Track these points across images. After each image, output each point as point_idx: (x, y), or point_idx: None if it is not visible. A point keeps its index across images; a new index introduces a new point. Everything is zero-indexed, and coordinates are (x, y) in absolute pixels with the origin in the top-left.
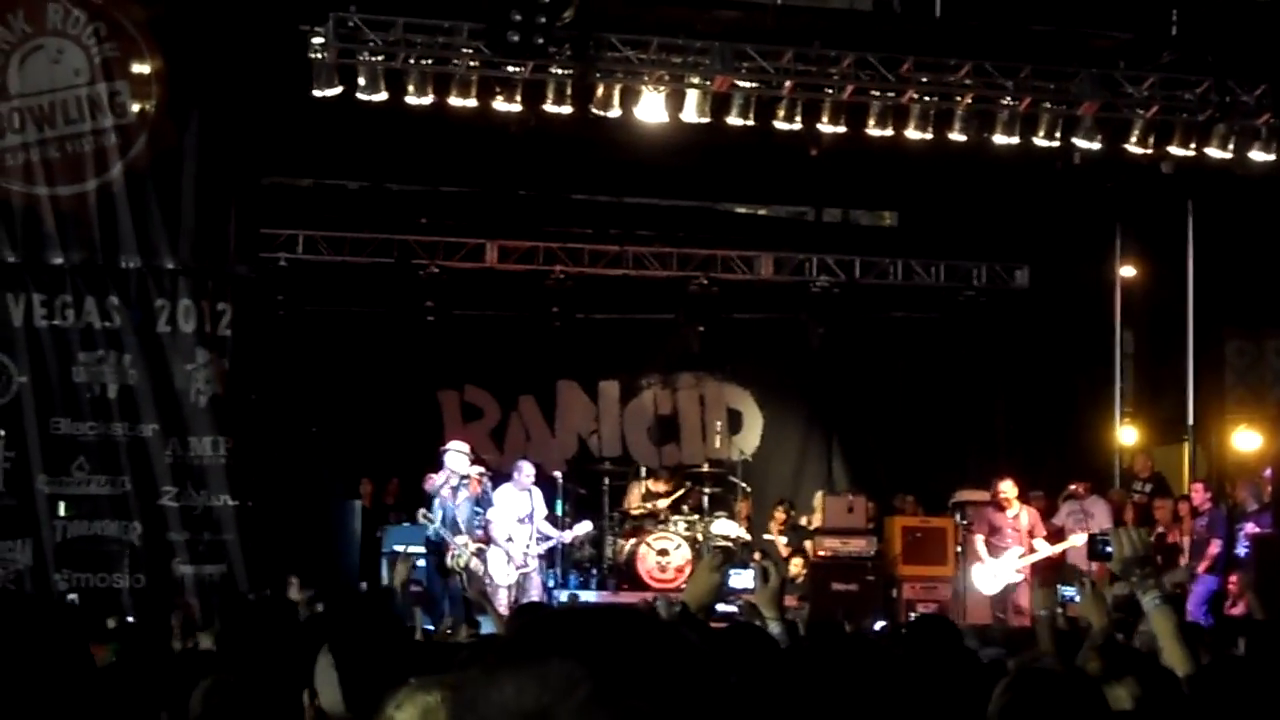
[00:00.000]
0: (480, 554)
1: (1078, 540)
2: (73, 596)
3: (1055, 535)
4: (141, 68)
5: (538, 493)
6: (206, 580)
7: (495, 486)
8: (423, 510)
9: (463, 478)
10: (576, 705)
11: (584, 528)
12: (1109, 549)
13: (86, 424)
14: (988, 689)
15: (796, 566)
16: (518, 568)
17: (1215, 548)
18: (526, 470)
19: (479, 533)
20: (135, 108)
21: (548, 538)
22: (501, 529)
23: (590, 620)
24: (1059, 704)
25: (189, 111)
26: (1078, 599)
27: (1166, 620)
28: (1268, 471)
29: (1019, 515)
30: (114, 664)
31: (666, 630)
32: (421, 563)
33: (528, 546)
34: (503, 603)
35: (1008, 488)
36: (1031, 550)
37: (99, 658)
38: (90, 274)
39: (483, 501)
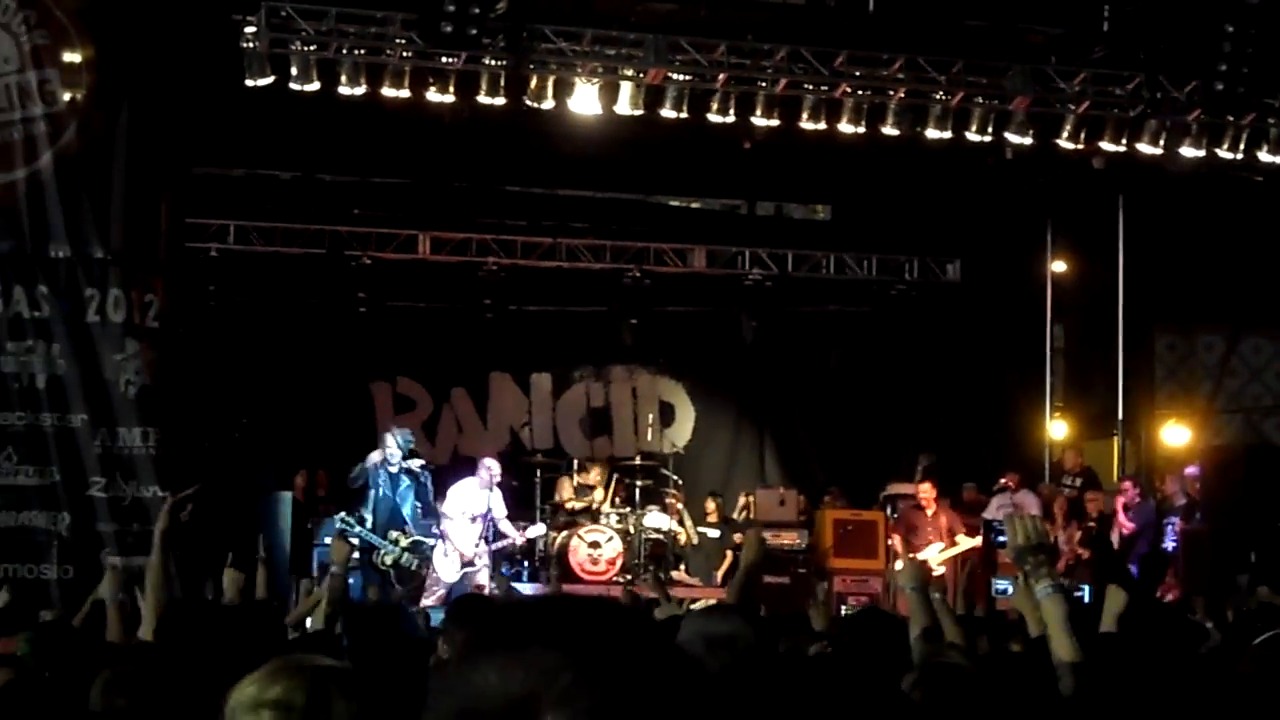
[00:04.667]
0: (416, 548)
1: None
2: None
3: (985, 530)
4: (72, 56)
5: (498, 493)
6: (135, 571)
7: (440, 480)
8: (342, 515)
9: (402, 468)
10: (560, 691)
11: (537, 530)
12: (1003, 538)
13: (15, 414)
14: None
15: (726, 559)
16: (463, 565)
17: (1142, 548)
18: (494, 469)
19: (423, 525)
20: (65, 96)
21: (504, 536)
22: (451, 525)
23: (568, 610)
24: (967, 697)
25: (119, 100)
26: (1010, 591)
27: (1057, 609)
28: (1192, 469)
29: (937, 514)
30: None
31: (641, 620)
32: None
33: (476, 545)
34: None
35: (926, 490)
36: (953, 544)
37: (10, 649)
38: (19, 263)
39: (421, 494)
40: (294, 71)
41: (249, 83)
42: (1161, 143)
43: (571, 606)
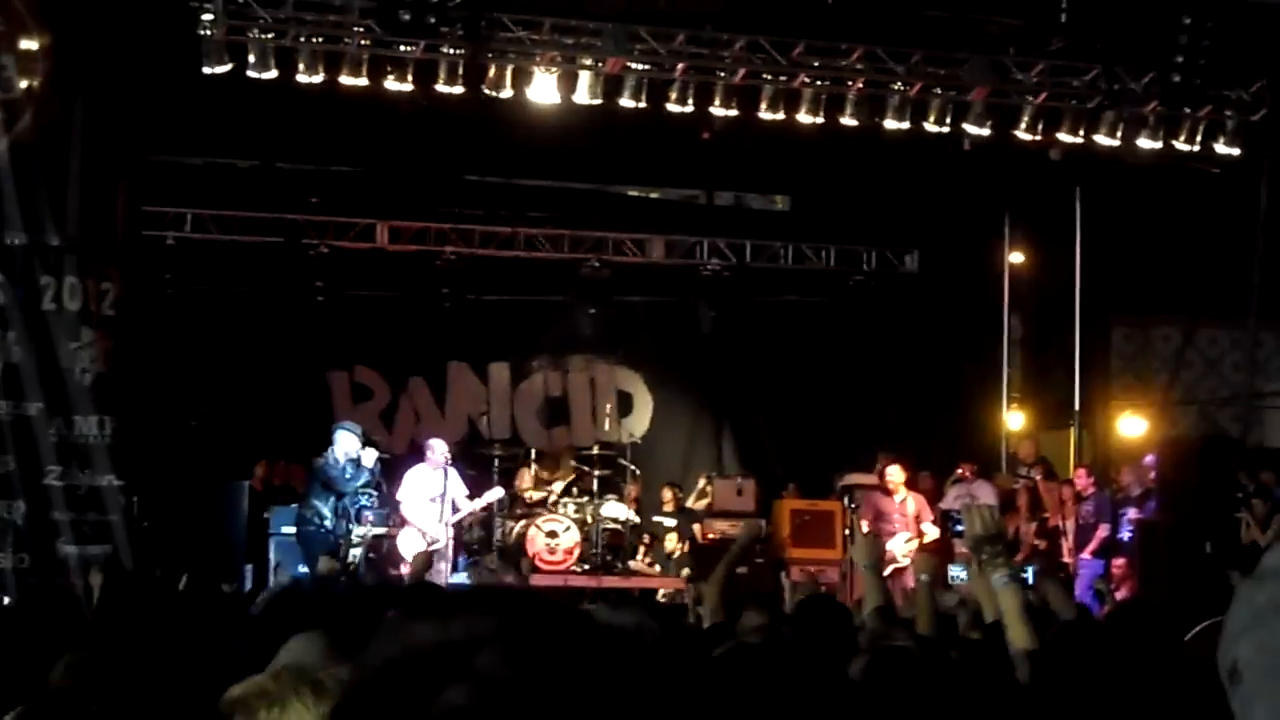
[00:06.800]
0: (378, 540)
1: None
2: None
3: (942, 519)
4: (29, 43)
5: (453, 472)
6: (91, 560)
7: (396, 468)
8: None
9: (350, 460)
10: (486, 648)
11: (495, 494)
12: (960, 526)
13: None
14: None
15: (681, 548)
16: (428, 545)
17: (1103, 531)
18: (440, 449)
19: (371, 516)
20: (21, 83)
21: (458, 509)
22: (411, 509)
23: (504, 591)
24: (917, 682)
25: (76, 88)
26: (964, 577)
27: (1013, 598)
28: (1149, 458)
29: (905, 500)
30: None
31: (579, 612)
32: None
33: (437, 525)
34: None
35: (894, 473)
36: (920, 535)
37: None
38: None
39: (369, 485)
40: (251, 59)
41: (206, 70)
42: (1119, 134)
43: (506, 589)
